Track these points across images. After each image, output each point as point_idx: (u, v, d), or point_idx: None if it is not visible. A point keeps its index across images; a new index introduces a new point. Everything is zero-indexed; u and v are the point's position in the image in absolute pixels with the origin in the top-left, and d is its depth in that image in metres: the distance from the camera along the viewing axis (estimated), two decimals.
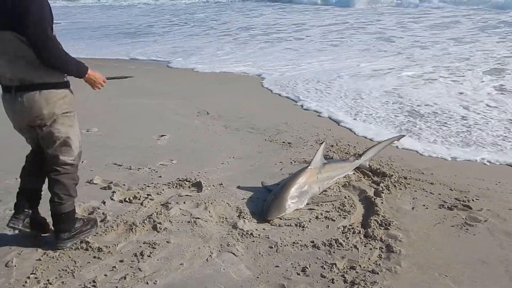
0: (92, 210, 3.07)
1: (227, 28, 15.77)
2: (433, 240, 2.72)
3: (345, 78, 7.43)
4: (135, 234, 2.76)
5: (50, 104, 2.45)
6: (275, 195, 3.09)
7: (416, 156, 4.18)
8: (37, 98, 2.41)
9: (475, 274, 2.39)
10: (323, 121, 5.35)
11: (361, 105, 5.90)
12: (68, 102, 2.57)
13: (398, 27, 13.74)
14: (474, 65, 7.95)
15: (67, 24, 18.80)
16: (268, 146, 4.43)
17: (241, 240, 2.70)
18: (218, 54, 10.66)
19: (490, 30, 12.14)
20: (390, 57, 9.22)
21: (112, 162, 3.98)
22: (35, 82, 2.40)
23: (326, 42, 11.66)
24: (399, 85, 6.85)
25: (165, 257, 2.53)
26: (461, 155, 4.14)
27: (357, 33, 12.88)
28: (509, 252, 2.57)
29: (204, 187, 3.42)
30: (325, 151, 3.97)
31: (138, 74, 8.40)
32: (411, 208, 3.11)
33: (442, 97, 6.08)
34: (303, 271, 2.40)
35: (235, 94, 6.84)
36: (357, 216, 3.01)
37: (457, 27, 13.03)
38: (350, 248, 2.62)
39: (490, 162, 3.98)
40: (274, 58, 9.74)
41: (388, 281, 2.32)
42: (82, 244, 2.63)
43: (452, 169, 3.83)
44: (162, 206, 3.13)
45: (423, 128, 4.91)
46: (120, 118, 5.51)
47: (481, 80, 6.94)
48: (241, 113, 5.60)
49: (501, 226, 2.84)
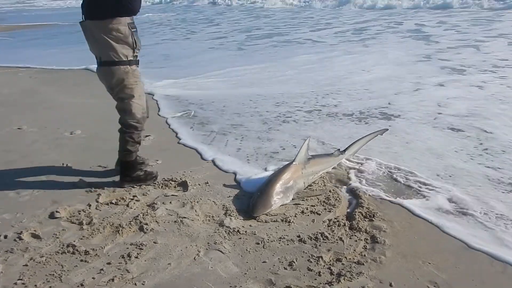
0: (78, 213, 3.05)
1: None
2: (416, 229, 2.78)
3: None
4: (121, 236, 2.76)
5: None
6: (261, 192, 3.12)
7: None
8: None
9: (457, 260, 2.45)
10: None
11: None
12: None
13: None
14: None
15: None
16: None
17: (228, 237, 2.72)
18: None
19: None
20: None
21: (97, 164, 3.95)
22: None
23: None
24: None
25: (153, 258, 2.53)
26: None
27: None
28: (487, 238, 2.65)
29: (190, 186, 3.43)
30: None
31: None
32: (395, 199, 3.17)
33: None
34: (290, 265, 2.43)
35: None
36: (342, 209, 3.05)
37: None
38: (335, 240, 2.66)
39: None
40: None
41: (373, 271, 2.36)
42: (68, 248, 2.62)
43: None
44: (148, 206, 3.13)
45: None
46: (103, 119, 5.46)
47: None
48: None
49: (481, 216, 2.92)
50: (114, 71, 3.16)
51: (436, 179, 3.45)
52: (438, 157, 3.90)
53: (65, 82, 7.98)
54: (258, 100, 6.13)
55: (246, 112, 5.57)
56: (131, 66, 3.20)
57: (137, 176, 3.46)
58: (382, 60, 8.66)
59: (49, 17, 24.19)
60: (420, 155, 3.97)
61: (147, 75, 6.94)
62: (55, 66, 9.53)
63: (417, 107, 5.46)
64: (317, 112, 5.46)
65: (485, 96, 5.80)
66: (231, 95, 6.46)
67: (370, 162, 3.80)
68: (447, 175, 3.52)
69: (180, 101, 6.24)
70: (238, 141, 4.53)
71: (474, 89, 6.19)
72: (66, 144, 4.60)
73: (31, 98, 6.77)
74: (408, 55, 9.07)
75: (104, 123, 5.28)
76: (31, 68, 9.37)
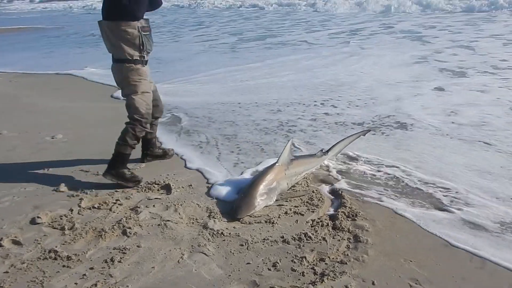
0: (60, 218, 3.01)
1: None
2: (398, 228, 2.82)
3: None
4: (104, 241, 2.74)
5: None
6: (244, 193, 3.13)
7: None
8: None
9: (438, 257, 2.50)
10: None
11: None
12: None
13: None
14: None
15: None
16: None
17: (212, 239, 2.72)
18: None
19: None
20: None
21: (79, 168, 3.91)
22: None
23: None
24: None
25: (136, 262, 2.52)
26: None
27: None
28: (469, 234, 2.70)
29: (173, 189, 3.42)
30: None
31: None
32: (377, 199, 3.21)
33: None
34: (274, 266, 2.44)
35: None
36: (325, 209, 3.08)
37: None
38: (319, 240, 2.68)
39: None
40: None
41: (356, 270, 2.39)
42: (50, 254, 2.59)
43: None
44: (131, 210, 3.11)
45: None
46: (85, 123, 5.41)
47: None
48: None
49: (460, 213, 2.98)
50: (121, 68, 3.44)
51: (415, 181, 3.51)
52: (488, 175, 3.56)
53: (46, 86, 7.88)
54: (250, 107, 5.88)
55: (239, 121, 5.30)
56: (136, 65, 3.42)
57: (122, 173, 3.50)
58: (378, 62, 8.58)
59: (27, 21, 23.82)
60: (465, 171, 3.64)
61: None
62: (35, 70, 9.40)
63: (427, 115, 5.17)
64: (322, 120, 5.18)
65: (491, 101, 5.61)
66: (218, 102, 6.22)
67: (354, 162, 3.84)
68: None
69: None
70: (235, 155, 4.20)
71: (478, 94, 5.99)
72: (48, 148, 4.54)
73: (11, 102, 6.66)
74: (403, 56, 9.00)
75: (86, 127, 5.24)
76: (10, 73, 9.21)
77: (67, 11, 33.22)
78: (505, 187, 3.30)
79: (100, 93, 7.12)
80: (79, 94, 7.13)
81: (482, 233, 2.72)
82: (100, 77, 8.12)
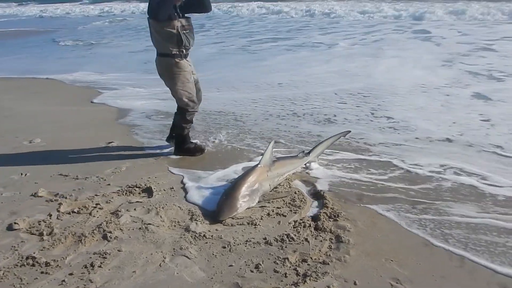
0: (38, 224, 2.95)
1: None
2: (379, 228, 2.85)
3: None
4: (84, 245, 2.69)
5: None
6: (226, 195, 3.11)
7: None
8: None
9: (418, 256, 2.53)
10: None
11: None
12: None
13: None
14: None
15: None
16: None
17: (194, 242, 2.70)
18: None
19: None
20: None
21: (58, 173, 3.84)
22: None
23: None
24: None
25: (117, 266, 2.48)
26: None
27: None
28: (448, 235, 2.74)
29: (155, 192, 3.38)
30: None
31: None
32: (358, 199, 3.24)
33: None
34: (256, 268, 2.43)
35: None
36: (307, 210, 3.09)
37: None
38: (301, 241, 2.69)
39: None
40: None
41: (338, 270, 2.40)
42: (28, 260, 2.52)
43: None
44: (112, 214, 3.06)
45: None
46: (63, 127, 5.32)
47: None
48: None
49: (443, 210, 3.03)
50: (162, 61, 3.94)
51: (396, 180, 3.56)
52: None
53: (23, 90, 7.72)
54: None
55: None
56: (175, 58, 3.86)
57: (188, 148, 4.23)
58: (405, 65, 8.25)
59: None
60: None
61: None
62: (13, 74, 9.21)
63: (489, 134, 4.60)
64: (392, 133, 4.76)
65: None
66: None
67: (335, 163, 3.87)
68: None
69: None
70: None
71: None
72: (26, 152, 4.45)
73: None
74: (428, 59, 8.63)
75: (64, 131, 5.16)
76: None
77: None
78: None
79: (80, 97, 7.04)
80: (57, 99, 7.02)
81: (458, 232, 2.77)
82: (80, 82, 8.02)
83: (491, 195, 3.23)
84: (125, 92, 7.25)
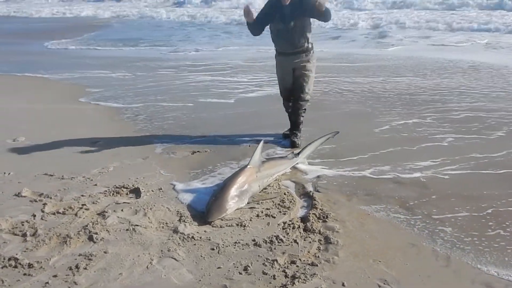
0: (21, 225, 2.88)
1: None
2: (367, 229, 2.85)
3: None
4: (69, 247, 2.63)
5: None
6: (216, 196, 3.09)
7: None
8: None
9: (405, 257, 2.54)
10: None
11: None
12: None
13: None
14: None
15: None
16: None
17: (182, 244, 2.67)
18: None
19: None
20: None
21: (43, 172, 3.76)
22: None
23: None
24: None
25: (103, 268, 2.43)
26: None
27: None
28: (435, 235, 2.76)
29: (143, 193, 3.34)
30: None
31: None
32: (347, 200, 3.24)
33: None
34: (245, 270, 2.41)
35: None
36: (297, 211, 3.08)
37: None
38: (290, 243, 2.67)
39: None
40: None
41: (327, 271, 2.40)
42: (10, 262, 2.47)
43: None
44: (99, 215, 3.01)
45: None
46: (48, 125, 5.23)
47: None
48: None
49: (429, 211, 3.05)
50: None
51: (385, 181, 3.57)
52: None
53: (4, 88, 7.56)
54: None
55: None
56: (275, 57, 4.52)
57: (299, 130, 4.55)
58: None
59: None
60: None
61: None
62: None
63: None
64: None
65: None
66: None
67: (324, 164, 3.87)
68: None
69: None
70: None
71: None
72: (9, 151, 4.36)
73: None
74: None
75: (49, 129, 5.07)
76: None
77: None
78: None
79: (65, 95, 6.93)
80: (40, 96, 6.90)
81: (446, 230, 2.79)
82: (65, 79, 7.89)
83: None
84: (112, 91, 7.17)
